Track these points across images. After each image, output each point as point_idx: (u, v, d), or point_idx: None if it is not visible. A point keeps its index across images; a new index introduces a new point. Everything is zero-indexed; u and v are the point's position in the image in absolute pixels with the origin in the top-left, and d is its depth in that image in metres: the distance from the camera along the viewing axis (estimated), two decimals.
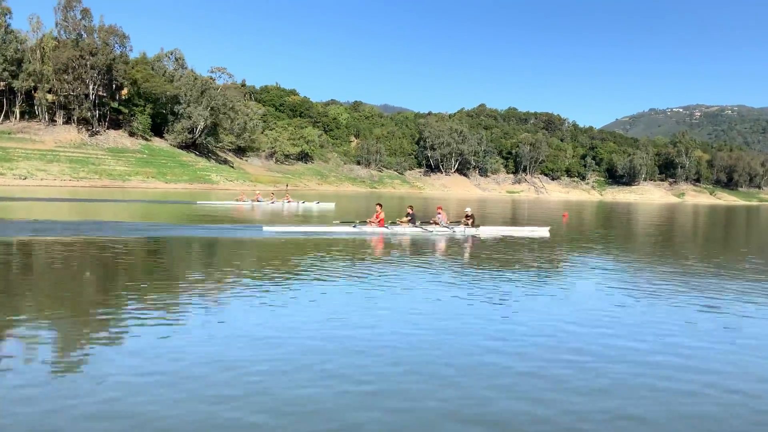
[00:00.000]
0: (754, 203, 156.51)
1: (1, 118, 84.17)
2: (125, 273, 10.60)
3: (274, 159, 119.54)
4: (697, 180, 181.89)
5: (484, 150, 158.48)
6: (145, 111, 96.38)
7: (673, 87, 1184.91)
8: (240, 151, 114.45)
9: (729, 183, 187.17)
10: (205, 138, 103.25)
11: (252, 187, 75.74)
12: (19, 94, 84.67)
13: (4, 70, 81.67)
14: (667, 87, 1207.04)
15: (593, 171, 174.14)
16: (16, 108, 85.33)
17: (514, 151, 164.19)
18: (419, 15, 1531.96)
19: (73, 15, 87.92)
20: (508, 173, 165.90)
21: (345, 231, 18.96)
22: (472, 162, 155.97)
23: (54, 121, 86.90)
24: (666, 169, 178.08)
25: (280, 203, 39.23)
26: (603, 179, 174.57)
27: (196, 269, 11.44)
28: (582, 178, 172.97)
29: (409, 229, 19.70)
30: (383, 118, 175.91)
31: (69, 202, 37.16)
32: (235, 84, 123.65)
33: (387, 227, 19.61)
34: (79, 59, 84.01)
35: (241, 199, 40.43)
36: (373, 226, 19.51)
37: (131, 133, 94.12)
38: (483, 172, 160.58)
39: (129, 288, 9.14)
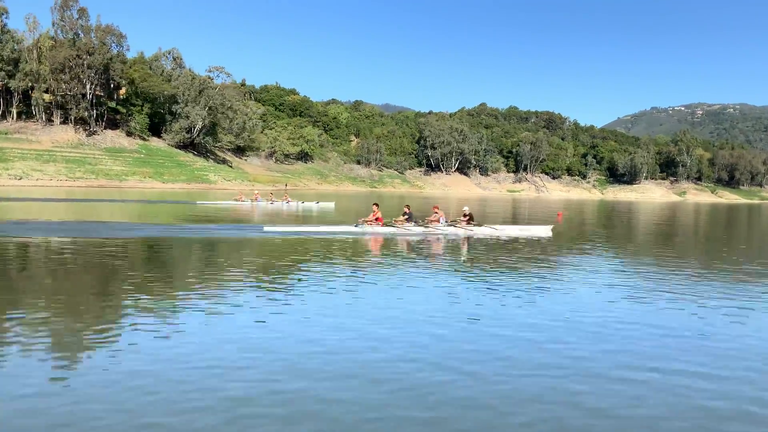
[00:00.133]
0: (755, 201, 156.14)
1: None
2: (126, 274, 10.48)
3: (273, 159, 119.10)
4: (699, 178, 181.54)
5: (484, 149, 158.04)
6: (143, 111, 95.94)
7: (675, 85, 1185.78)
8: (239, 151, 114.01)
9: (730, 181, 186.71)
10: (204, 138, 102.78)
11: (250, 187, 75.29)
12: (16, 94, 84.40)
13: (0, 70, 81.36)
14: (669, 85, 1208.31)
15: (594, 170, 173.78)
16: (13, 108, 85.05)
17: (514, 150, 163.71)
18: (420, 14, 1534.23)
19: (70, 14, 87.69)
20: (508, 172, 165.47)
21: (346, 231, 18.84)
22: (472, 161, 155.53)
23: (51, 121, 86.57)
24: (667, 168, 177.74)
25: (279, 203, 39.14)
26: (604, 178, 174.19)
27: (197, 269, 11.36)
28: (583, 177, 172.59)
29: (409, 229, 19.61)
30: (383, 117, 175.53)
31: (65, 202, 36.78)
32: (235, 83, 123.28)
33: (388, 226, 19.59)
34: (76, 59, 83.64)
35: (240, 199, 40.28)
36: (372, 225, 19.46)
37: (129, 133, 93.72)
38: (483, 171, 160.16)
39: (129, 288, 8.99)
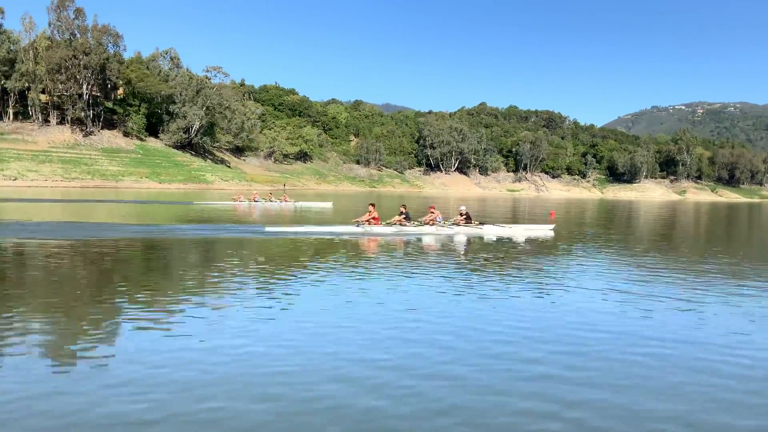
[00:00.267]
0: (755, 200, 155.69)
1: None
2: (126, 274, 10.42)
3: (272, 158, 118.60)
4: (699, 177, 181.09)
5: (484, 148, 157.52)
6: (140, 111, 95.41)
7: (676, 84, 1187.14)
8: (238, 151, 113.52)
9: (730, 180, 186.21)
10: (201, 138, 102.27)
11: (247, 187, 74.89)
12: (12, 94, 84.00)
13: None
14: (670, 84, 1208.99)
15: (594, 169, 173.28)
16: (9, 109, 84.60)
17: (514, 150, 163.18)
18: (420, 14, 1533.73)
19: (67, 15, 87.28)
20: (508, 171, 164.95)
21: (346, 231, 18.82)
22: (472, 160, 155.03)
23: (48, 122, 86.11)
24: (667, 167, 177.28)
25: (277, 202, 39.70)
26: (604, 177, 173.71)
27: (199, 270, 11.30)
28: (583, 176, 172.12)
29: (408, 229, 19.59)
30: (383, 117, 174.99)
31: (60, 203, 36.56)
32: (234, 83, 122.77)
33: (387, 226, 19.55)
34: (72, 59, 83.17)
35: (239, 199, 40.49)
36: (371, 225, 19.42)
37: (126, 133, 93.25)
38: (483, 170, 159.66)
39: (130, 289, 8.93)
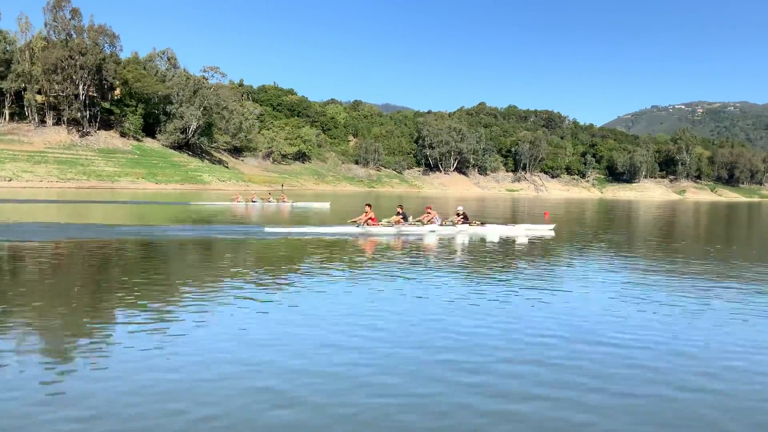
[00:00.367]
0: (755, 200, 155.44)
1: None
2: (126, 275, 10.37)
3: (271, 159, 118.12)
4: (698, 177, 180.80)
5: (483, 148, 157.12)
6: (137, 111, 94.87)
7: (676, 84, 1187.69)
8: (236, 151, 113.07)
9: (730, 180, 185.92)
10: (199, 138, 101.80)
11: (244, 188, 74.48)
12: (8, 95, 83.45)
13: None
14: (670, 84, 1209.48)
15: (593, 169, 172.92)
16: (5, 109, 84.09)
17: (513, 149, 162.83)
18: (420, 14, 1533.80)
19: (63, 15, 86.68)
20: (507, 171, 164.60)
21: (346, 231, 18.86)
22: (471, 160, 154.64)
23: (44, 123, 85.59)
24: (666, 167, 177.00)
25: (275, 203, 40.23)
26: (603, 177, 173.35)
27: (200, 270, 11.25)
28: (582, 175, 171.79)
29: (408, 229, 19.60)
30: (382, 117, 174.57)
31: (56, 203, 36.25)
32: (232, 83, 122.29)
33: (384, 226, 19.55)
34: (69, 59, 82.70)
35: (237, 200, 40.48)
36: (369, 225, 19.37)
37: (122, 134, 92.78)
38: (482, 170, 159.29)
39: (131, 290, 8.87)
